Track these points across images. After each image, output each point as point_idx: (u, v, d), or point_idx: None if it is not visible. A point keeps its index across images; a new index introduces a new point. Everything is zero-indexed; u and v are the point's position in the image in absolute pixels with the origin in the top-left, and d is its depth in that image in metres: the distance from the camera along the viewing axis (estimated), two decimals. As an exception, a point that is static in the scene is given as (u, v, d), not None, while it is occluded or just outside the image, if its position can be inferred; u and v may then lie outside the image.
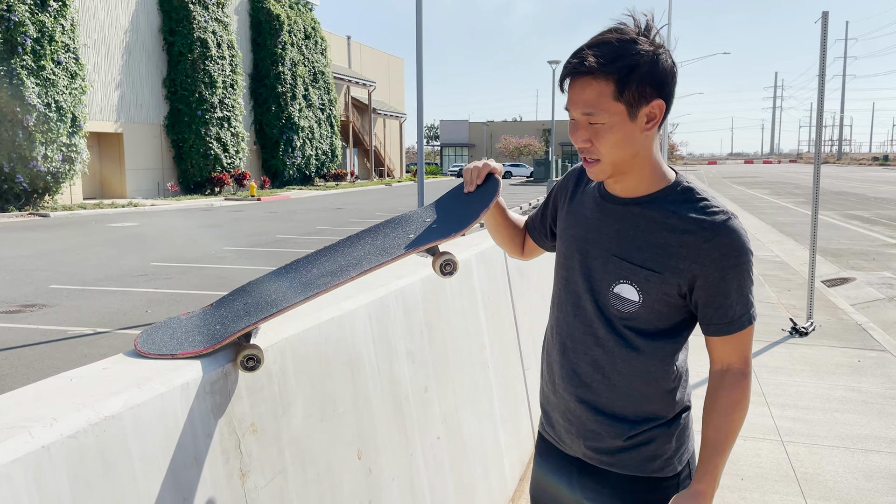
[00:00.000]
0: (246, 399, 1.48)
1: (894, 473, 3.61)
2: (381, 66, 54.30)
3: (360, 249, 1.58)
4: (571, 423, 1.61)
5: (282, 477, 1.57)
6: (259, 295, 1.53)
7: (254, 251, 13.10)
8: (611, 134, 1.39)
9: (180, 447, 1.28)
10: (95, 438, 1.10)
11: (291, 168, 37.07)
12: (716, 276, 1.42)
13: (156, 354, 1.40)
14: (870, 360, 5.61)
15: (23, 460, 0.99)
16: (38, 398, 1.16)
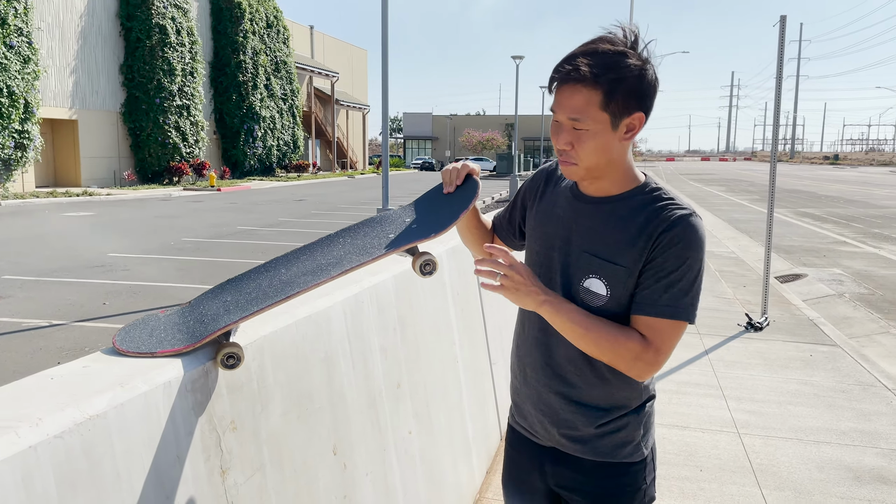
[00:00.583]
0: (226, 397, 1.48)
1: (845, 464, 3.76)
2: (344, 56, 53.85)
3: (339, 248, 1.59)
4: (545, 413, 1.67)
5: (260, 474, 1.58)
6: (238, 293, 1.54)
7: (215, 242, 12.92)
8: (592, 141, 1.44)
9: (163, 445, 1.28)
10: (81, 438, 1.11)
11: (252, 158, 36.58)
12: (660, 260, 1.46)
13: (135, 353, 1.40)
14: (821, 355, 5.81)
15: (10, 461, 0.99)
16: (19, 397, 1.15)
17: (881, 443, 4.04)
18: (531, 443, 1.75)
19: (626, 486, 1.63)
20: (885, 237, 15.85)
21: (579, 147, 1.46)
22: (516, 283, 1.44)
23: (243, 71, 35.17)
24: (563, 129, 1.47)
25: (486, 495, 3.35)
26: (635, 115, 1.45)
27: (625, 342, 1.46)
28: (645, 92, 1.44)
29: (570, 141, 1.46)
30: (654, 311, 1.47)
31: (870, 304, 8.51)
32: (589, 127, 1.43)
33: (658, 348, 1.47)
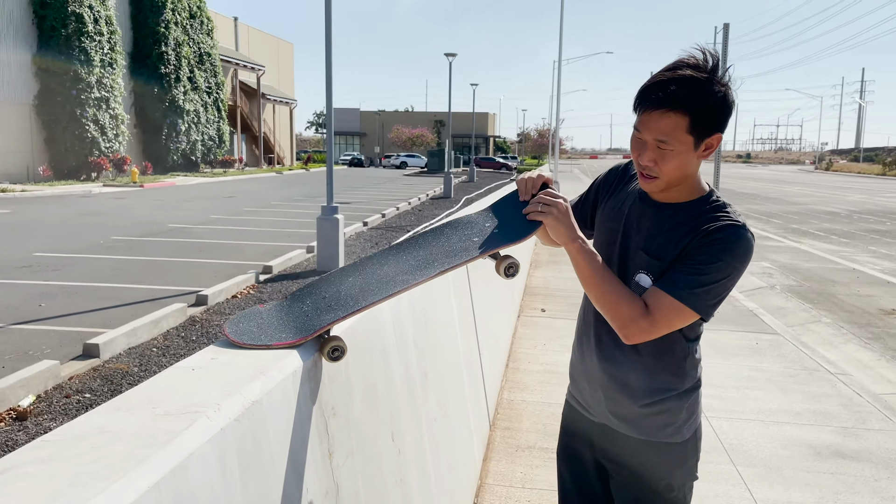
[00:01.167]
0: (328, 386, 1.57)
1: (805, 441, 4.11)
2: (270, 49, 52.81)
3: (426, 250, 1.69)
4: (596, 389, 1.84)
5: (351, 457, 1.68)
6: (337, 291, 1.62)
7: (147, 241, 12.54)
8: (676, 159, 1.58)
9: (295, 429, 1.37)
10: (249, 421, 1.19)
11: (176, 153, 35.49)
12: (694, 252, 1.58)
13: (251, 345, 1.47)
14: (766, 343, 6.23)
15: (211, 441, 1.06)
16: (179, 387, 1.22)
17: (833, 422, 4.42)
18: (584, 418, 1.93)
19: (667, 463, 1.79)
20: (803, 232, 16.91)
21: (663, 164, 1.58)
22: (562, 214, 1.60)
23: (165, 63, 34.06)
24: (647, 147, 1.59)
25: (486, 481, 3.49)
26: (715, 136, 1.58)
27: (628, 302, 1.59)
28: (725, 115, 1.58)
29: (654, 159, 1.58)
30: (666, 287, 1.58)
31: (800, 295, 9.13)
32: (674, 147, 1.55)
33: (655, 320, 1.58)
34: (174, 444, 1.00)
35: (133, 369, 5.70)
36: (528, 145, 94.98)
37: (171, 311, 7.14)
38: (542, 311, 7.14)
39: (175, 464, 0.97)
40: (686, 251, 1.61)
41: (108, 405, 1.13)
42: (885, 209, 25.28)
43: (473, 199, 24.64)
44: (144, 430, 1.03)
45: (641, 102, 1.58)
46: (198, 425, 1.06)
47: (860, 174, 71.84)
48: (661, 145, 1.56)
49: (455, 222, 1.78)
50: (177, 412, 1.10)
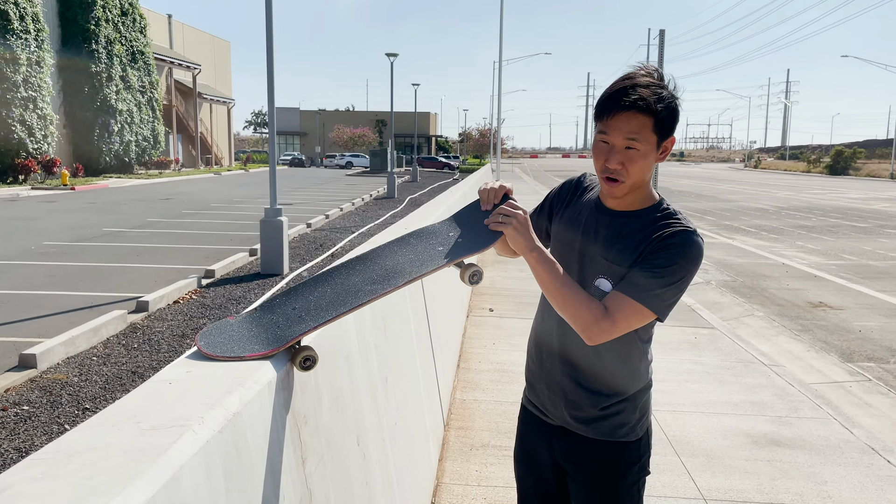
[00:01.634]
0: (300, 395, 1.61)
1: (743, 431, 4.32)
2: (206, 48, 51.68)
3: (392, 260, 1.74)
4: (556, 393, 1.93)
5: (322, 463, 1.72)
6: (307, 301, 1.66)
7: (81, 246, 12.15)
8: (642, 160, 1.69)
9: (272, 438, 1.40)
10: (232, 433, 1.22)
11: (109, 155, 34.38)
12: (650, 256, 1.69)
13: (224, 357, 1.49)
14: (704, 337, 6.50)
15: (199, 454, 1.09)
16: (161, 400, 1.24)
17: (768, 411, 4.66)
18: (541, 421, 2.01)
19: (623, 461, 1.89)
20: (735, 229, 17.57)
21: (630, 166, 1.69)
22: (521, 225, 1.68)
23: (96, 61, 32.96)
24: (615, 150, 1.69)
25: (442, 480, 3.56)
26: (670, 139, 1.72)
27: (588, 305, 1.68)
28: (676, 120, 1.72)
29: (622, 161, 1.68)
30: (625, 290, 1.68)
31: (734, 290, 9.52)
32: (641, 148, 1.67)
33: (615, 321, 1.67)
34: (165, 457, 1.03)
35: (73, 379, 5.56)
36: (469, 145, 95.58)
37: (110, 318, 6.97)
38: (490, 311, 7.25)
39: (168, 477, 1.00)
40: (642, 256, 1.71)
41: (92, 422, 1.14)
42: (811, 205, 26.47)
43: (417, 199, 24.69)
44: (133, 445, 1.06)
45: (610, 107, 1.68)
46: (185, 439, 1.09)
47: (787, 171, 74.94)
48: (632, 144, 1.66)
49: (419, 232, 1.83)
50: (163, 426, 1.13)
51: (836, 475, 3.75)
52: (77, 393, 5.29)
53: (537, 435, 2.03)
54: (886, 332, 7.44)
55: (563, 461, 1.97)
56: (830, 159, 68.06)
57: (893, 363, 6.31)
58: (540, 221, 2.03)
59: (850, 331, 7.47)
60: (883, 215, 22.41)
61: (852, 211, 23.96)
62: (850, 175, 63.00)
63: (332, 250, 12.51)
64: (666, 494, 3.51)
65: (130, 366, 5.95)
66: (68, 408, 5.03)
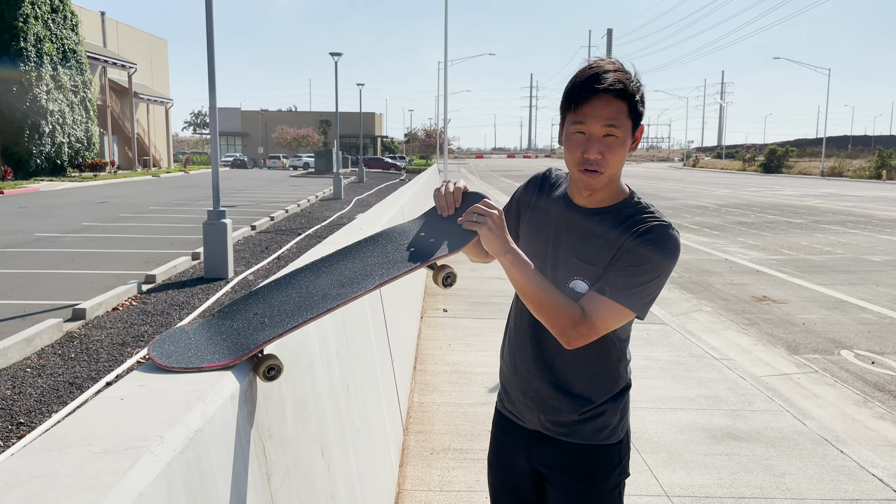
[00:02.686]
0: (263, 406, 1.49)
1: (700, 425, 4.34)
2: (141, 46, 50.12)
3: (361, 261, 1.63)
4: (533, 399, 1.83)
5: (287, 478, 1.60)
6: (270, 306, 1.54)
7: (11, 252, 11.59)
8: (620, 149, 1.62)
9: (236, 455, 1.29)
10: (194, 453, 1.10)
11: (39, 157, 32.99)
12: (626, 255, 1.62)
13: (181, 368, 1.37)
14: (656, 333, 6.55)
15: (159, 479, 0.98)
16: (113, 419, 1.11)
17: (722, 405, 4.70)
18: (517, 426, 1.92)
19: (604, 465, 1.82)
20: (678, 226, 17.87)
21: (610, 155, 1.61)
22: (497, 225, 1.59)
23: (25, 60, 31.60)
24: (593, 139, 1.60)
25: (404, 487, 3.46)
26: (640, 128, 1.65)
27: (567, 308, 1.61)
28: (644, 106, 1.65)
29: (601, 150, 1.60)
30: (603, 290, 1.62)
31: (681, 286, 9.67)
32: (619, 134, 1.60)
33: (593, 323, 1.61)
34: (122, 484, 0.91)
35: (6, 392, 5.25)
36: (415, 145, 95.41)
37: (45, 327, 6.62)
38: (443, 312, 7.17)
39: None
40: (618, 254, 1.65)
41: (36, 445, 1.01)
42: (749, 202, 27.28)
43: (365, 199, 24.46)
44: (84, 471, 0.93)
45: (584, 93, 1.59)
46: (144, 462, 0.97)
47: (723, 170, 77.19)
48: (611, 131, 1.59)
49: (389, 232, 1.73)
50: (116, 449, 1.00)
51: (792, 467, 3.80)
52: (10, 406, 5.00)
53: (513, 440, 1.94)
54: (828, 324, 7.66)
55: (542, 467, 1.88)
56: (764, 158, 70.37)
57: (837, 354, 6.49)
58: (509, 222, 1.93)
59: (794, 324, 7.67)
60: (816, 211, 23.24)
61: (788, 207, 24.79)
62: (783, 173, 65.29)
63: (278, 253, 12.24)
64: (629, 493, 3.49)
65: (68, 377, 5.66)
66: (1, 423, 4.74)
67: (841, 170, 58.73)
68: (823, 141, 65.16)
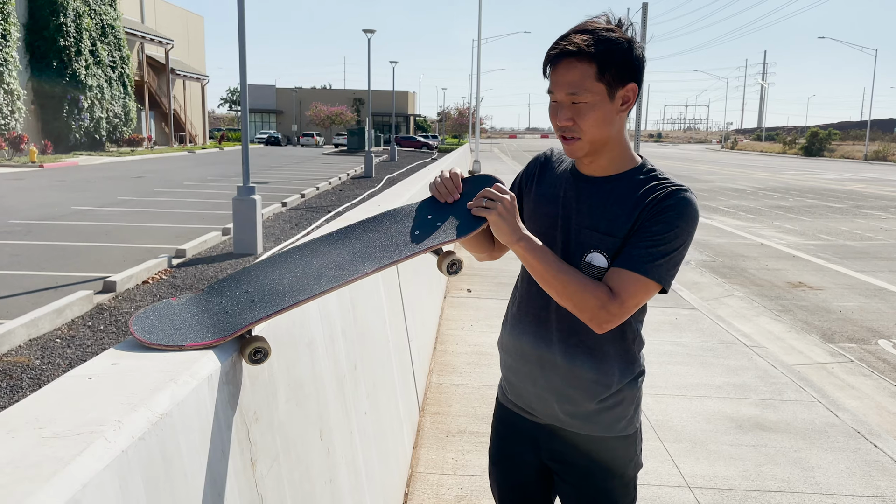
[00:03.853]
0: (249, 388, 1.42)
1: (727, 415, 4.20)
2: (178, 23, 50.49)
3: (361, 243, 1.54)
4: (545, 389, 1.71)
5: (277, 463, 1.53)
6: (261, 284, 1.46)
7: (48, 225, 11.78)
8: (592, 112, 1.52)
9: (213, 441, 1.21)
10: (157, 438, 1.03)
11: (78, 132, 33.56)
12: (648, 224, 1.53)
13: (161, 345, 1.30)
14: (685, 318, 6.38)
15: (110, 467, 0.90)
16: (73, 400, 1.04)
17: (751, 394, 4.55)
18: (525, 420, 1.81)
19: (620, 457, 1.72)
20: (713, 209, 17.54)
21: (580, 121, 1.52)
22: (508, 211, 1.50)
23: (65, 35, 32.05)
24: (562, 106, 1.54)
25: (417, 469, 3.40)
26: (629, 87, 1.53)
27: (593, 289, 1.51)
28: (635, 64, 1.53)
29: (571, 116, 1.53)
30: (627, 265, 1.52)
31: (713, 271, 9.44)
32: (588, 99, 1.50)
33: (623, 301, 1.51)
34: (63, 474, 0.83)
35: (35, 362, 5.32)
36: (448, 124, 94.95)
37: (75, 299, 6.70)
38: (468, 292, 7.08)
39: (64, 500, 0.81)
40: (638, 224, 1.54)
41: (-17, 428, 0.95)
42: (788, 186, 26.59)
43: (395, 178, 24.41)
44: (27, 458, 0.86)
45: (547, 60, 1.54)
46: (94, 449, 0.90)
47: (763, 153, 75.43)
48: (575, 98, 1.51)
49: (394, 213, 1.63)
50: (68, 433, 0.93)
51: (822, 460, 3.65)
52: (39, 377, 5.06)
53: (520, 435, 1.83)
54: (866, 312, 7.40)
55: (552, 462, 1.78)
56: (806, 141, 68.58)
57: (874, 344, 6.25)
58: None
59: (830, 311, 7.42)
60: (858, 196, 22.56)
61: (828, 191, 24.10)
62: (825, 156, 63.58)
63: (307, 230, 12.25)
64: (649, 482, 3.38)
65: (96, 348, 5.72)
66: (29, 392, 4.79)
67: (885, 154, 56.91)
68: (868, 124, 63.14)
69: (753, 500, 3.24)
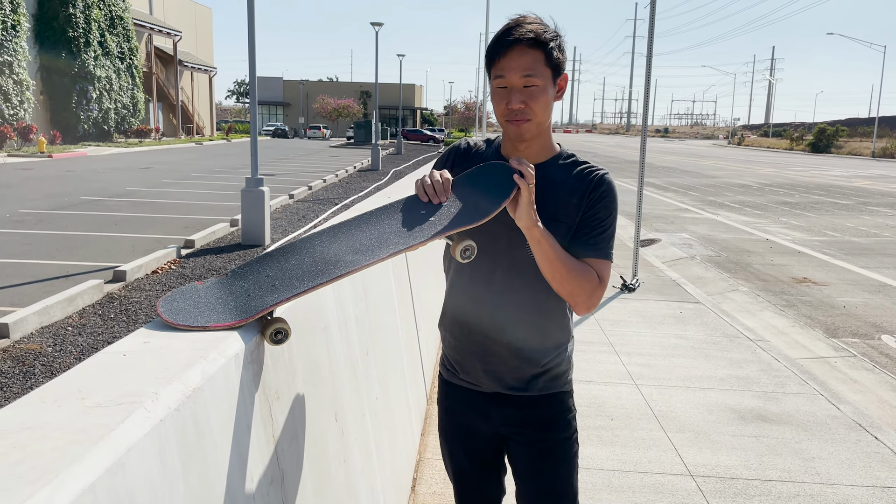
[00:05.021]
0: (271, 368, 1.48)
1: (729, 406, 4.26)
2: (186, 14, 50.56)
3: (377, 229, 1.61)
4: (492, 363, 1.85)
5: (296, 441, 1.60)
6: (282, 269, 1.53)
7: (58, 214, 11.88)
8: (542, 96, 1.66)
9: (238, 415, 1.28)
10: (190, 410, 1.09)
11: (87, 122, 33.70)
12: (591, 213, 1.73)
13: (187, 326, 1.36)
14: (689, 311, 6.44)
15: (150, 434, 0.97)
16: (111, 374, 1.11)
17: (754, 387, 4.60)
18: (473, 393, 1.92)
19: (561, 412, 1.89)
20: (719, 204, 17.55)
21: (532, 103, 1.65)
22: (531, 197, 1.61)
23: (73, 26, 32.14)
24: (514, 90, 1.65)
25: (425, 455, 3.47)
26: (564, 76, 1.71)
27: (588, 275, 1.70)
28: (565, 56, 1.70)
29: (523, 99, 1.65)
30: (597, 254, 1.73)
31: (718, 265, 9.48)
32: (539, 83, 1.64)
33: (605, 286, 1.75)
34: (110, 439, 0.90)
35: (47, 349, 5.41)
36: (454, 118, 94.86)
37: (86, 287, 6.79)
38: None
39: (112, 461, 0.88)
40: (586, 213, 1.73)
41: (31, 397, 1.02)
42: (794, 182, 26.54)
43: (402, 171, 24.45)
44: (74, 424, 0.93)
45: (500, 46, 1.64)
46: (135, 417, 0.97)
47: (769, 149, 75.13)
48: (528, 80, 1.64)
49: (409, 201, 1.69)
50: (110, 403, 1.00)
51: (823, 451, 3.71)
52: (51, 363, 5.15)
53: (470, 408, 1.94)
54: (870, 307, 7.44)
55: (504, 427, 1.92)
56: (813, 137, 68.27)
57: (877, 339, 6.30)
58: None
59: (834, 306, 7.46)
60: (865, 193, 22.51)
61: (835, 188, 24.05)
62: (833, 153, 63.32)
63: (314, 221, 12.33)
64: (652, 470, 3.45)
65: (107, 336, 5.80)
66: (42, 378, 4.88)
67: (893, 151, 56.66)
68: (876, 121, 62.82)
69: (755, 489, 3.31)
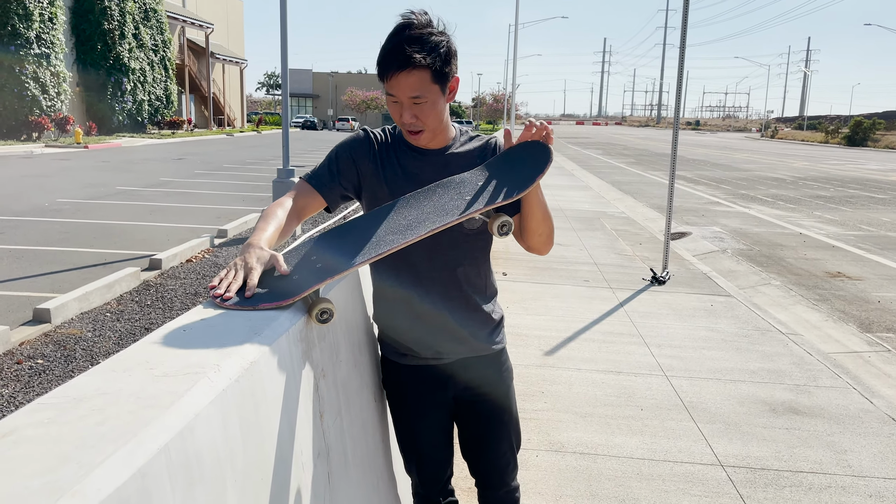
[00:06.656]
0: (317, 346, 1.55)
1: (760, 398, 4.25)
2: (218, 7, 51.09)
3: (417, 209, 1.67)
4: (453, 330, 1.94)
5: (339, 417, 1.67)
6: (326, 252, 1.60)
7: (94, 204, 12.14)
8: (432, 109, 1.76)
9: (288, 389, 1.34)
10: (249, 382, 1.16)
11: (121, 114, 34.29)
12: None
13: (237, 307, 1.43)
14: (720, 305, 6.41)
15: (214, 402, 1.04)
16: (175, 347, 1.18)
17: (786, 380, 4.59)
18: (434, 367, 1.99)
19: (507, 365, 2.08)
20: (751, 198, 17.33)
21: (424, 117, 1.76)
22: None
23: (109, 18, 32.67)
24: (405, 107, 1.74)
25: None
26: (454, 79, 1.79)
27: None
28: (454, 58, 1.76)
29: (415, 114, 1.75)
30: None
31: (750, 259, 9.39)
32: (427, 100, 1.73)
33: None
34: (179, 405, 0.97)
35: (87, 334, 5.56)
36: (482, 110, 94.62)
37: (124, 275, 6.96)
38: (503, 275, 7.18)
39: (182, 425, 0.94)
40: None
41: (103, 366, 1.09)
42: (829, 175, 26.08)
43: (430, 163, 24.46)
44: (145, 391, 1.00)
45: (386, 69, 1.70)
46: (200, 386, 1.03)
47: (804, 142, 73.76)
48: (416, 100, 1.72)
49: (447, 182, 1.76)
50: (176, 373, 1.07)
51: (855, 444, 3.69)
52: (91, 348, 5.30)
53: (432, 383, 2.00)
54: (906, 303, 7.33)
55: (465, 392, 2.02)
56: (849, 130, 66.91)
57: (913, 334, 6.21)
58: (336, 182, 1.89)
59: (868, 301, 7.36)
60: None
61: (871, 182, 23.59)
62: (869, 146, 61.99)
63: (343, 213, 12.46)
64: (682, 460, 3.47)
65: (144, 322, 5.95)
66: (82, 362, 5.03)
67: (934, 144, 55.29)
68: (916, 113, 61.24)
69: (785, 480, 3.31)
